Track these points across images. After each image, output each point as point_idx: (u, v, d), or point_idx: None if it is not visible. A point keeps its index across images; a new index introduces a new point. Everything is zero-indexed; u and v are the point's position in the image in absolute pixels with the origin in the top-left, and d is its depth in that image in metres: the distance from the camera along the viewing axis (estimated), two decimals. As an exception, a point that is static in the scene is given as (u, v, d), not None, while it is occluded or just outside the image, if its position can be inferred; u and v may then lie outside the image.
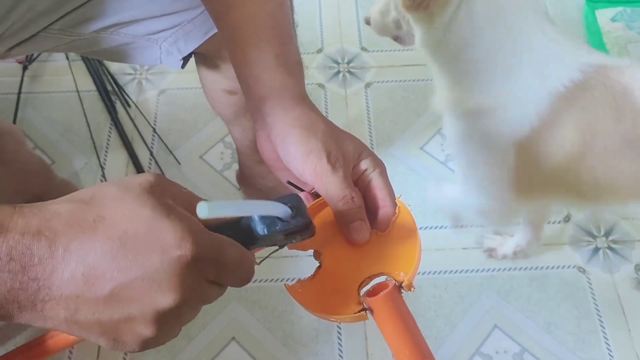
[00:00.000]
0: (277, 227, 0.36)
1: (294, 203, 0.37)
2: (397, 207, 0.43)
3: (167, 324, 0.32)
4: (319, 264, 0.43)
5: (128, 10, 0.61)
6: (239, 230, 0.36)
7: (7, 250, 0.29)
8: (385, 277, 0.41)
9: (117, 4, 0.61)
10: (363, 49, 1.27)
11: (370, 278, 0.42)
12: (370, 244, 0.42)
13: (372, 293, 0.40)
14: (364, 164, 0.43)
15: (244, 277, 0.35)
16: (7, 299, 0.29)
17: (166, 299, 0.30)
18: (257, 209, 0.36)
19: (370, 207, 0.43)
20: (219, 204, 0.32)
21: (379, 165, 0.44)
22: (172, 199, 0.33)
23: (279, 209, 0.36)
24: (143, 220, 0.30)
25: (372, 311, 0.40)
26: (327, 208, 0.44)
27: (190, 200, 0.34)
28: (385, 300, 0.40)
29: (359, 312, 0.40)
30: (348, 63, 1.24)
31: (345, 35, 1.28)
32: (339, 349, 0.91)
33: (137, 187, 0.32)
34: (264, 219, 0.36)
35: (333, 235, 0.43)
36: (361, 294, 0.41)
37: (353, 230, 0.41)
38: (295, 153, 0.42)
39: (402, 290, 0.41)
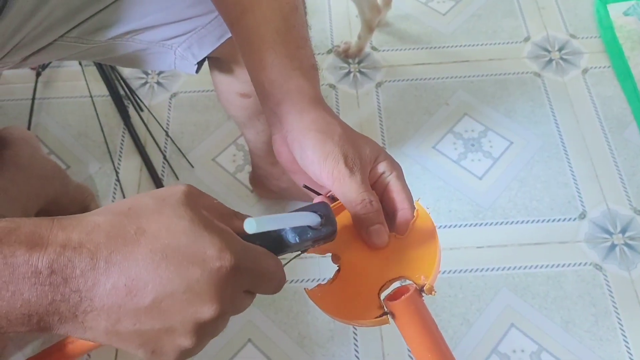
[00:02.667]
0: (308, 235, 0.37)
1: (324, 212, 0.38)
2: (415, 210, 0.43)
3: (205, 334, 0.32)
4: (337, 268, 0.43)
5: (143, 17, 0.61)
6: (269, 239, 0.37)
7: (48, 263, 0.29)
8: (406, 280, 0.41)
9: (132, 11, 0.61)
10: (373, 48, 1.26)
11: (391, 282, 0.42)
12: (389, 248, 0.42)
13: (393, 297, 0.40)
14: (381, 167, 0.43)
15: (277, 285, 0.36)
16: (48, 311, 0.29)
17: (207, 310, 0.31)
18: (294, 221, 0.37)
19: (388, 211, 0.43)
20: (264, 220, 0.33)
21: (396, 168, 0.44)
22: (205, 210, 0.33)
23: (312, 219, 0.37)
24: (182, 232, 0.31)
25: (393, 315, 0.40)
26: (344, 211, 0.44)
27: (221, 211, 0.35)
28: (407, 304, 0.39)
29: (380, 316, 0.40)
30: (359, 63, 1.24)
31: (355, 36, 1.28)
32: (355, 350, 0.91)
33: (173, 199, 0.32)
34: (295, 227, 0.37)
35: (351, 239, 0.43)
36: (382, 298, 0.41)
37: (372, 234, 0.41)
38: (312, 157, 0.42)
39: (423, 294, 0.40)
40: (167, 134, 1.14)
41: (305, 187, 0.46)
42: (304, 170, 0.44)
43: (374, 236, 0.41)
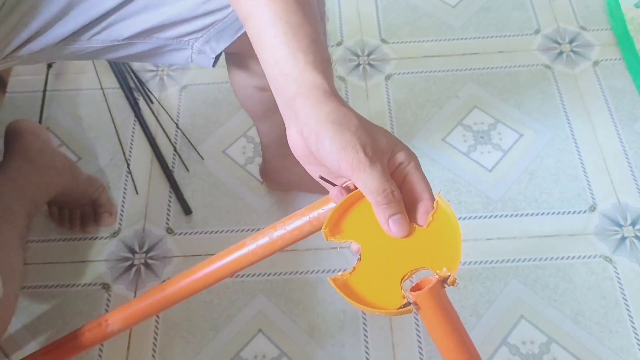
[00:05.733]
0: None
1: None
2: (435, 202, 0.43)
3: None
4: (358, 258, 0.43)
5: (161, 15, 0.61)
6: None
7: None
8: (427, 271, 0.42)
9: (149, 11, 0.61)
10: (383, 40, 1.26)
11: (412, 272, 0.42)
12: (409, 238, 0.43)
13: (415, 288, 0.41)
14: (399, 157, 0.44)
15: None
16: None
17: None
18: None
19: (407, 201, 0.43)
20: None
21: (414, 158, 0.44)
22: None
23: None
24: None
25: (417, 305, 0.40)
26: (363, 201, 0.44)
27: None
28: (430, 295, 0.40)
29: (403, 306, 0.40)
30: (368, 55, 1.24)
31: (364, 28, 1.28)
32: (365, 340, 0.92)
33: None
34: None
35: (371, 229, 0.43)
36: (404, 289, 0.41)
37: (393, 224, 0.42)
38: (330, 148, 0.42)
39: (445, 285, 0.41)
40: (177, 126, 1.15)
41: (322, 178, 0.46)
42: (319, 163, 0.44)
43: (395, 226, 0.42)
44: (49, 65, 1.21)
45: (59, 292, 0.97)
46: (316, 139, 0.43)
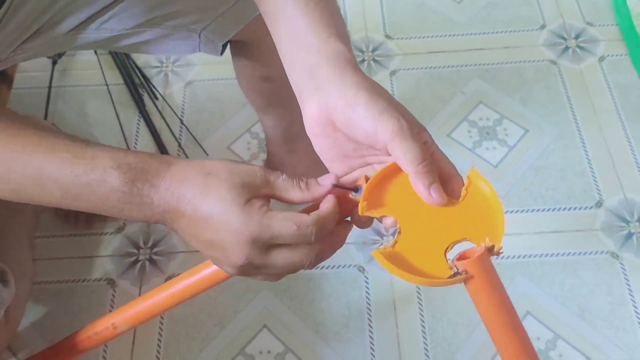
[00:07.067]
0: None
1: None
2: (467, 176, 0.44)
3: (250, 274, 0.44)
4: (398, 231, 0.43)
5: (168, 3, 0.61)
6: None
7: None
8: (469, 243, 0.42)
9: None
10: (387, 36, 1.26)
11: (453, 244, 0.42)
12: (446, 212, 0.43)
13: (461, 258, 0.41)
14: (424, 135, 0.44)
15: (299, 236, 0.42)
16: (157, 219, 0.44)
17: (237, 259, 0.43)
18: None
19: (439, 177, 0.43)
20: None
21: (433, 141, 0.44)
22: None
23: None
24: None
25: (466, 274, 0.41)
26: (396, 175, 0.44)
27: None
28: (479, 263, 0.40)
29: (452, 276, 0.41)
30: (373, 51, 1.23)
31: (369, 24, 1.28)
32: (370, 337, 0.92)
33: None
34: None
35: (406, 202, 0.43)
36: (449, 259, 0.41)
37: (434, 191, 0.42)
38: (365, 113, 0.41)
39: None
40: (182, 122, 1.15)
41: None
42: (337, 138, 0.44)
43: (436, 193, 0.42)
44: (54, 62, 1.21)
45: (64, 287, 0.97)
46: (347, 106, 0.41)
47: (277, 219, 0.41)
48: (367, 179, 0.44)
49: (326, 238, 0.43)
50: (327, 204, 0.43)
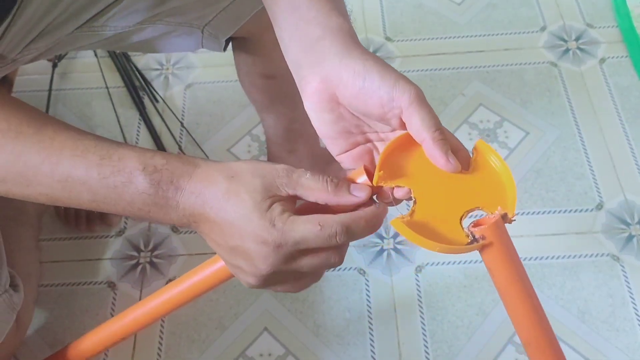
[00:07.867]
0: None
1: None
2: (473, 148, 0.45)
3: (269, 283, 0.44)
4: (413, 201, 0.43)
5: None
6: None
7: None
8: (482, 211, 0.44)
9: None
10: (387, 38, 1.26)
11: (467, 213, 0.43)
12: (458, 182, 0.44)
13: (476, 225, 0.42)
14: None
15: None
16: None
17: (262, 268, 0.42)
18: None
19: None
20: None
21: None
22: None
23: None
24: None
25: (483, 239, 0.42)
26: (407, 146, 0.44)
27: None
28: (496, 228, 0.41)
29: (469, 243, 0.42)
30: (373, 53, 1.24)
31: (369, 25, 1.28)
32: (371, 339, 0.92)
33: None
34: None
35: (419, 172, 0.44)
36: (465, 227, 0.42)
37: (451, 158, 0.42)
38: (379, 81, 0.41)
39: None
40: (182, 125, 1.15)
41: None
42: (341, 112, 0.44)
43: (452, 160, 0.42)
44: (54, 65, 1.22)
45: (65, 290, 0.97)
46: (356, 76, 0.42)
47: (299, 222, 0.40)
48: (365, 169, 0.45)
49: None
50: (366, 211, 0.42)
